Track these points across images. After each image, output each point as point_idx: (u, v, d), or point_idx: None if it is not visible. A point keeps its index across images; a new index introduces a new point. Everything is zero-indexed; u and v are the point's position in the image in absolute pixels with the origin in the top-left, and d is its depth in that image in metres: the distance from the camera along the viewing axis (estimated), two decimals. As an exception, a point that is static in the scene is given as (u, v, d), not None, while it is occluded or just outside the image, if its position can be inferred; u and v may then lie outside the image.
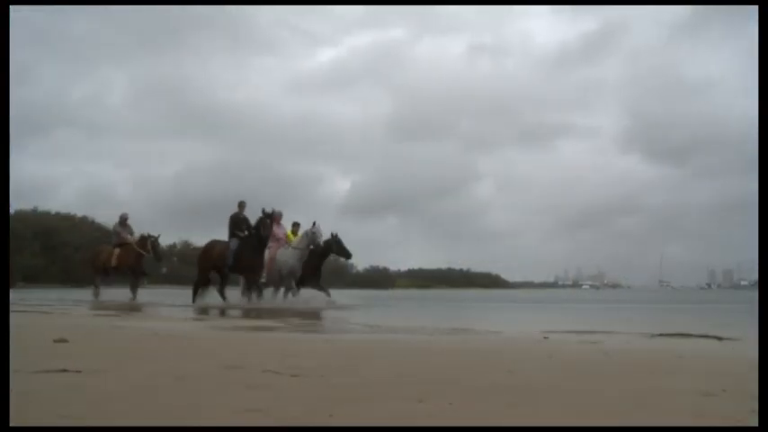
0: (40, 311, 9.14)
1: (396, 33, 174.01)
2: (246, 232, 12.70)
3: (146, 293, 14.94)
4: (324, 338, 5.61)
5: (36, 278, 49.43)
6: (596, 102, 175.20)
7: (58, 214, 64.51)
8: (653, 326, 6.63)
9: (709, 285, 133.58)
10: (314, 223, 13.00)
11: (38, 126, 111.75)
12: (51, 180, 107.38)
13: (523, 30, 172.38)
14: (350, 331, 6.68)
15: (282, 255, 12.80)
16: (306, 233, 12.96)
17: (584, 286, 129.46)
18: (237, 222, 12.83)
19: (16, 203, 59.55)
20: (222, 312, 10.79)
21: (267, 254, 12.63)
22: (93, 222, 67.13)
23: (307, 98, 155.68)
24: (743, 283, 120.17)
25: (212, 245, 13.21)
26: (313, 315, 9.72)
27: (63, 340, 4.02)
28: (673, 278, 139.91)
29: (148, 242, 14.55)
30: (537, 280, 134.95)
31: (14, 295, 13.05)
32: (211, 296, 12.99)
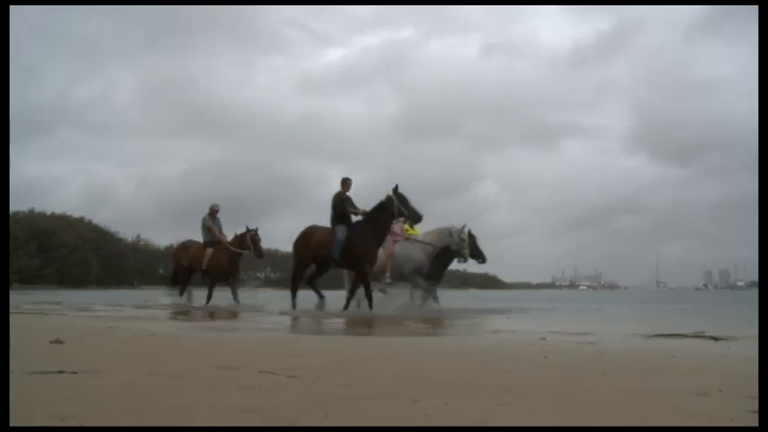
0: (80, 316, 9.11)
1: (405, 33, 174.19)
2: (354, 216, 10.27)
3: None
4: (320, 339, 5.61)
5: (31, 279, 49.33)
6: (605, 102, 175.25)
7: (53, 215, 64.33)
8: (649, 326, 6.65)
9: (705, 286, 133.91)
10: (464, 226, 11.13)
11: (43, 126, 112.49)
12: (56, 180, 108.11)
13: (533, 30, 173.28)
14: (347, 332, 6.69)
15: (405, 248, 10.89)
16: (449, 231, 11.02)
17: (581, 287, 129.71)
18: (345, 202, 10.33)
19: (20, 203, 59.59)
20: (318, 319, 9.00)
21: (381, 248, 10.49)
22: (89, 223, 67.15)
23: (314, 98, 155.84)
24: (739, 283, 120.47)
25: (312, 230, 10.64)
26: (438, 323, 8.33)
27: (59, 341, 4.01)
28: (669, 279, 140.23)
29: (247, 237, 12.48)
30: (534, 281, 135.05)
31: (21, 297, 12.73)
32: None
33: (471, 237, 11.30)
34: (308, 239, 10.54)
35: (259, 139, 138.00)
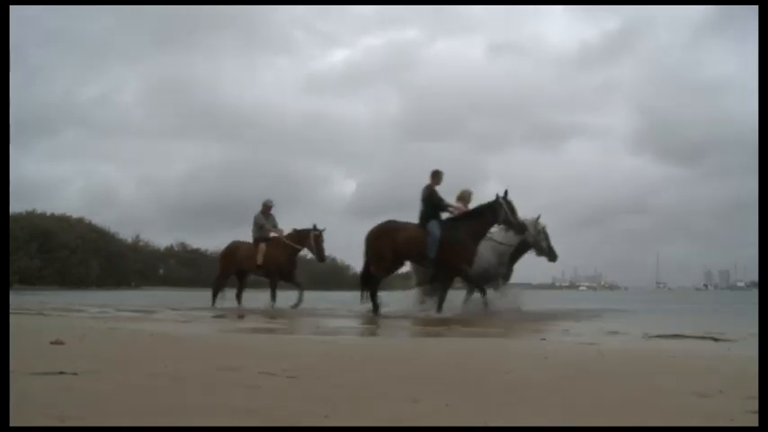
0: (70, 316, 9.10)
1: (410, 34, 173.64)
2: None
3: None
4: (321, 339, 5.61)
5: (32, 280, 49.32)
6: (610, 102, 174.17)
7: (53, 215, 64.41)
8: (649, 327, 6.64)
9: (706, 286, 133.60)
10: (539, 216, 10.23)
11: (48, 126, 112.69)
12: (60, 180, 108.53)
13: (538, 30, 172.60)
14: (347, 333, 6.69)
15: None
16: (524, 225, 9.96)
17: (581, 287, 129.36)
18: (438, 196, 9.58)
19: (24, 203, 59.65)
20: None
21: None
22: (89, 223, 67.21)
23: (318, 99, 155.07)
24: (739, 284, 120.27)
25: (393, 225, 9.76)
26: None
27: (59, 342, 4.01)
28: (669, 279, 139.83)
29: (311, 236, 11.66)
30: (534, 281, 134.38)
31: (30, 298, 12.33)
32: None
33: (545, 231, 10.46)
34: (390, 236, 9.58)
35: (263, 139, 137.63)
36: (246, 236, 12.45)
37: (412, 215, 9.78)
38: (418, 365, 3.40)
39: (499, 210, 9.43)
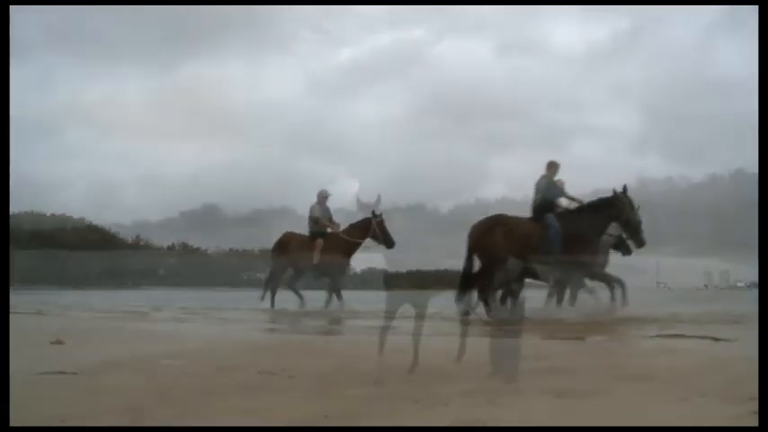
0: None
1: (417, 33, 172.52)
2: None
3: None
4: (320, 339, 5.61)
5: (32, 280, 49.36)
6: (617, 102, 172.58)
7: (53, 216, 64.44)
8: (650, 327, 6.64)
9: (706, 286, 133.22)
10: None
11: (53, 126, 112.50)
12: (63, 180, 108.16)
13: (547, 30, 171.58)
14: (346, 332, 6.69)
15: None
16: None
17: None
18: (558, 187, 8.81)
19: (26, 204, 59.52)
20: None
21: None
22: (90, 224, 67.26)
23: (323, 98, 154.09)
24: (739, 284, 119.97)
25: (503, 219, 8.48)
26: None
27: (59, 342, 4.01)
28: (669, 279, 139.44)
29: (373, 223, 10.29)
30: (535, 282, 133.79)
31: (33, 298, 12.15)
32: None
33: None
34: (504, 228, 8.33)
35: (267, 139, 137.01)
36: (245, 236, 12.12)
37: (414, 215, 9.43)
38: (418, 365, 3.39)
39: (622, 207, 8.54)
